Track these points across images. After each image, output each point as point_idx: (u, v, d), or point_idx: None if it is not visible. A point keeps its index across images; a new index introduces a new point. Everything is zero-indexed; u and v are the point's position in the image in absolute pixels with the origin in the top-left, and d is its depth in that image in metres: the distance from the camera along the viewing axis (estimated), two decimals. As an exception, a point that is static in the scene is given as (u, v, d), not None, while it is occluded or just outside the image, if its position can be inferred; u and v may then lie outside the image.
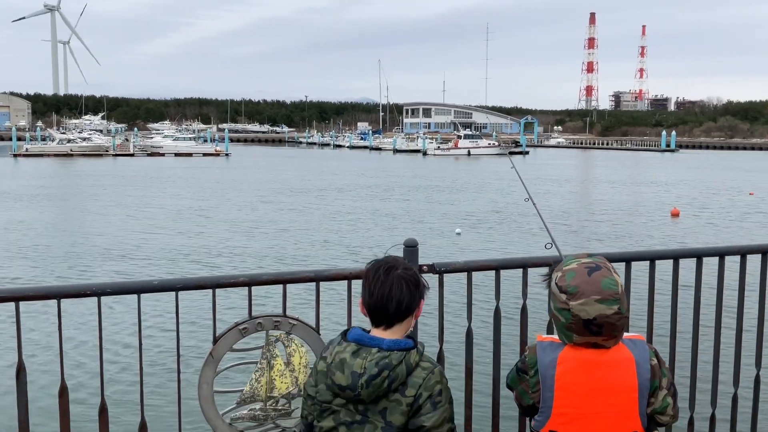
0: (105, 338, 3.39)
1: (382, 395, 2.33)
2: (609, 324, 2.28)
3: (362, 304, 2.49)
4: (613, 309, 2.28)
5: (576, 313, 2.29)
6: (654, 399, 2.38)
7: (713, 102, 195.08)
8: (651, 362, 2.38)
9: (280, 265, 18.96)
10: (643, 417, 2.36)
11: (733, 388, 4.14)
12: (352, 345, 2.39)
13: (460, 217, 29.12)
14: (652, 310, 3.89)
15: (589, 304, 2.28)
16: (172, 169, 62.65)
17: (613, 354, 2.34)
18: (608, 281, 2.31)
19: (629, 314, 2.43)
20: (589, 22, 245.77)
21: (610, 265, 2.41)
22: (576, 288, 2.31)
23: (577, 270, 2.35)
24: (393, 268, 2.44)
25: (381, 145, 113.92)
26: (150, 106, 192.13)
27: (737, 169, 66.91)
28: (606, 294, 2.29)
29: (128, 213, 30.34)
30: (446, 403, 2.39)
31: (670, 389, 2.44)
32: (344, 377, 2.34)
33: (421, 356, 2.41)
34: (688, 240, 23.46)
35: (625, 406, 2.33)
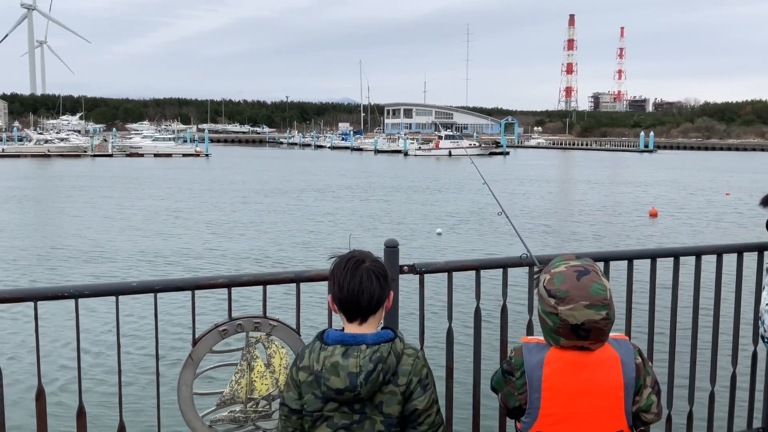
0: (83, 340, 3.36)
1: (377, 389, 2.35)
2: (597, 329, 2.29)
3: (332, 301, 2.48)
4: (601, 315, 2.28)
5: (564, 318, 2.29)
6: (639, 397, 2.40)
7: (690, 103, 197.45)
8: (636, 361, 2.40)
9: (260, 266, 18.88)
10: (629, 416, 2.37)
11: (711, 386, 4.19)
12: (338, 347, 2.36)
13: (441, 218, 29.19)
14: (630, 310, 3.92)
15: (578, 310, 2.28)
16: (151, 169, 62.16)
17: (600, 354, 2.35)
18: (597, 286, 2.31)
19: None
20: (569, 24, 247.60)
21: (598, 267, 2.41)
22: (565, 293, 2.30)
23: (566, 274, 2.35)
24: (361, 262, 2.43)
25: (362, 145, 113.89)
26: (129, 106, 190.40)
27: (714, 169, 67.74)
28: (595, 300, 2.28)
29: (106, 214, 30.05)
30: (432, 385, 2.45)
31: (654, 387, 2.46)
32: (341, 380, 2.32)
33: (404, 344, 2.44)
34: (666, 240, 23.71)
35: (612, 405, 2.35)
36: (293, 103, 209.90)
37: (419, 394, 2.38)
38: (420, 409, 2.38)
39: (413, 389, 2.37)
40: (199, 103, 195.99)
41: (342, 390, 2.32)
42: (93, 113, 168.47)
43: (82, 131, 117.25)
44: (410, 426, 2.40)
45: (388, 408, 2.36)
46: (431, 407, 2.41)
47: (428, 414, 2.40)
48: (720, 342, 4.19)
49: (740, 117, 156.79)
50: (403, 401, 2.37)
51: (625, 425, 2.38)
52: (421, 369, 2.40)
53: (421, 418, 2.39)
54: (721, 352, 4.21)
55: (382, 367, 2.33)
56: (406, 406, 2.38)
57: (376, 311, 2.44)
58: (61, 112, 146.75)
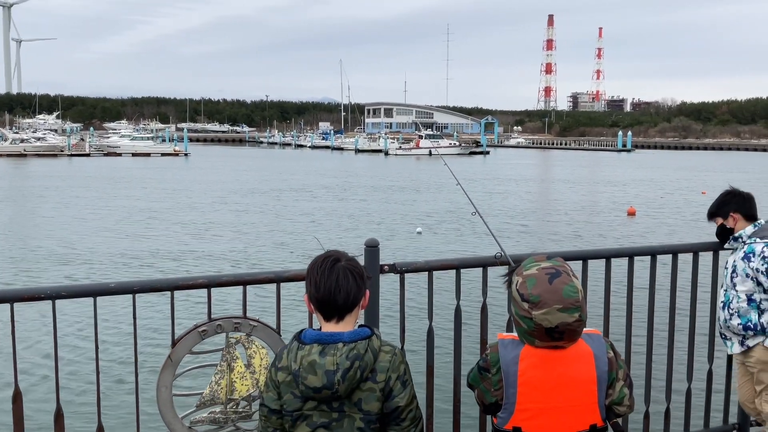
0: (60, 342, 3.33)
1: (355, 387, 2.36)
2: (570, 330, 2.33)
3: (308, 300, 2.49)
4: (574, 317, 2.32)
5: (539, 322, 2.32)
6: (612, 390, 2.44)
7: (668, 103, 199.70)
8: (608, 355, 2.44)
9: (240, 267, 18.79)
10: (602, 409, 2.42)
11: (687, 383, 4.24)
12: (315, 346, 2.38)
13: (420, 218, 29.24)
14: (608, 308, 3.96)
15: (552, 314, 2.31)
16: (129, 169, 61.60)
17: (573, 349, 2.39)
18: (569, 289, 2.34)
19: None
20: (548, 24, 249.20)
21: (569, 267, 2.44)
22: (538, 297, 2.33)
23: (538, 277, 2.37)
24: (337, 261, 2.46)
25: (343, 145, 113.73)
26: (106, 105, 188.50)
27: (691, 168, 68.56)
28: (567, 303, 2.31)
29: (82, 215, 29.72)
30: (410, 380, 2.47)
31: (627, 380, 2.51)
32: (318, 378, 2.33)
33: (381, 341, 2.46)
34: (644, 238, 23.96)
35: (586, 399, 2.39)
36: (273, 103, 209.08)
37: (399, 391, 2.40)
38: (402, 405, 2.41)
39: (392, 386, 2.39)
40: (177, 102, 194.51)
41: (320, 388, 2.34)
42: (70, 112, 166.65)
43: (59, 130, 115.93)
44: (393, 423, 2.42)
45: (368, 405, 2.38)
46: (411, 402, 2.44)
47: (410, 410, 2.43)
48: (696, 339, 4.25)
49: (716, 117, 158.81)
50: (382, 398, 2.39)
51: (599, 418, 2.43)
52: (399, 365, 2.43)
53: (403, 414, 2.42)
54: (697, 349, 4.27)
55: (360, 365, 2.34)
56: (386, 403, 2.39)
57: (352, 309, 2.46)
58: (37, 111, 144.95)
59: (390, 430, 2.44)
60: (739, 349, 4.07)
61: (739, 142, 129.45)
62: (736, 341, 4.08)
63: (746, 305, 3.96)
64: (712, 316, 4.28)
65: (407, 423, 2.43)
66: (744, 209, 4.07)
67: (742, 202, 4.09)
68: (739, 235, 4.05)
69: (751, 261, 3.91)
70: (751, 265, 3.91)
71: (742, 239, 4.03)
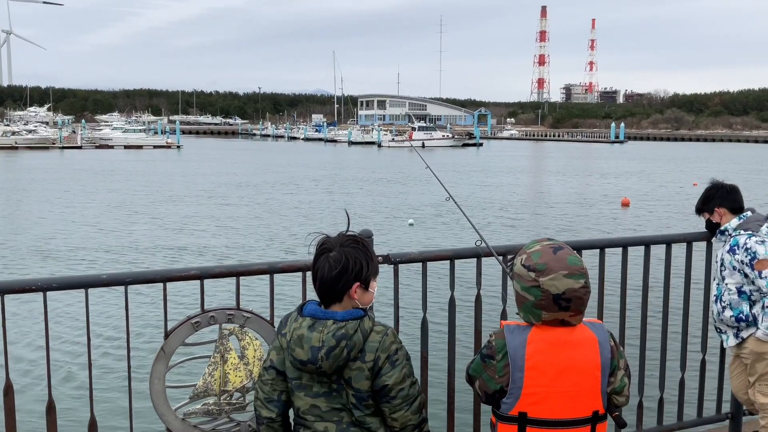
0: (52, 334, 3.31)
1: (342, 365, 2.41)
2: (577, 298, 2.36)
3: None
4: (580, 283, 2.37)
5: (546, 288, 2.36)
6: (614, 378, 2.47)
7: (660, 95, 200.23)
8: (610, 343, 2.47)
9: (233, 258, 18.75)
10: (604, 396, 2.45)
11: (681, 372, 4.25)
12: (307, 320, 2.45)
13: (413, 208, 29.24)
14: (602, 298, 3.96)
15: (558, 279, 2.35)
16: (122, 162, 61.36)
17: (579, 333, 2.42)
18: (573, 258, 2.41)
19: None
20: (541, 16, 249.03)
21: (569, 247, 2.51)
22: (544, 265, 2.38)
23: (542, 250, 2.43)
24: (327, 251, 2.51)
25: (336, 137, 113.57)
26: (98, 98, 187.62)
27: (683, 159, 68.75)
28: (573, 269, 2.37)
29: (72, 208, 29.60)
30: (404, 360, 2.49)
31: (626, 371, 2.55)
32: (304, 352, 2.41)
33: (374, 322, 2.50)
34: (638, 229, 24.03)
35: (590, 384, 2.42)
36: (266, 95, 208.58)
37: (388, 370, 2.44)
38: (390, 384, 2.44)
39: (381, 365, 2.43)
40: (170, 94, 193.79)
41: (305, 362, 2.42)
42: (61, 104, 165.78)
43: (51, 123, 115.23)
44: (383, 400, 2.47)
45: (357, 383, 2.44)
46: (403, 381, 2.46)
47: (401, 388, 2.46)
48: (690, 329, 4.26)
49: (708, 108, 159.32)
50: (371, 377, 2.44)
51: (601, 405, 2.45)
52: (389, 345, 2.45)
53: (392, 393, 2.46)
54: (690, 339, 4.28)
55: (347, 344, 2.39)
56: (375, 381, 2.44)
57: (337, 300, 2.49)
58: (28, 104, 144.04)
59: (382, 406, 2.49)
60: (735, 342, 4.08)
61: (731, 134, 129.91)
62: (731, 334, 4.09)
63: (737, 297, 3.99)
64: (706, 306, 4.29)
65: (398, 401, 2.47)
66: (728, 203, 4.09)
67: (726, 196, 4.10)
68: (725, 229, 4.07)
69: (736, 253, 3.93)
70: (736, 257, 3.93)
71: (728, 232, 4.05)
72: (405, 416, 2.51)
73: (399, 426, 2.52)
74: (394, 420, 2.51)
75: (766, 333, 3.89)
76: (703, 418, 4.39)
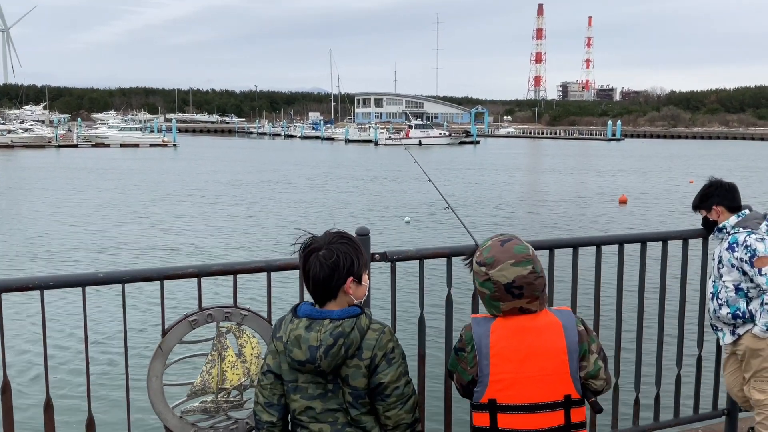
0: (49, 333, 3.30)
1: (340, 363, 2.43)
2: (527, 284, 2.44)
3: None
4: (527, 269, 2.45)
5: (496, 279, 2.45)
6: (585, 362, 2.50)
7: (657, 92, 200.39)
8: (578, 328, 2.50)
9: (230, 256, 18.74)
10: (575, 381, 2.46)
11: (677, 369, 4.27)
12: (303, 320, 2.46)
13: (409, 207, 29.25)
14: (598, 295, 3.97)
15: (506, 269, 2.45)
16: (118, 161, 61.23)
17: (542, 319, 2.47)
18: (519, 247, 2.50)
19: (546, 276, 2.56)
20: (537, 13, 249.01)
21: (521, 238, 2.58)
22: (492, 258, 2.49)
23: (492, 245, 2.54)
24: (316, 250, 2.51)
25: (333, 135, 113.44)
26: (94, 96, 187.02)
27: (679, 157, 68.84)
28: (519, 257, 2.46)
29: (65, 207, 29.54)
30: (400, 358, 2.52)
31: (600, 353, 2.56)
32: (302, 353, 2.41)
33: (370, 319, 2.51)
34: (634, 226, 24.08)
35: (557, 368, 2.44)
36: (262, 93, 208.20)
37: (384, 368, 2.46)
38: (385, 382, 2.46)
39: (378, 363, 2.45)
40: (166, 92, 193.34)
41: (303, 362, 2.42)
42: (57, 103, 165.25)
43: (46, 121, 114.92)
44: (378, 398, 2.49)
45: (354, 381, 2.46)
46: (398, 380, 2.49)
47: (396, 386, 2.48)
48: (686, 326, 4.27)
49: (705, 106, 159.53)
50: (368, 374, 2.46)
51: (573, 389, 2.46)
52: (386, 344, 2.48)
53: (387, 391, 2.48)
54: (687, 335, 4.30)
55: (344, 342, 2.40)
56: (371, 379, 2.46)
57: (332, 298, 2.51)
58: (24, 102, 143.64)
59: (377, 405, 2.51)
60: (731, 339, 4.10)
61: (728, 131, 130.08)
62: (727, 331, 4.11)
63: (734, 294, 4.00)
64: (702, 303, 4.30)
65: (393, 399, 2.49)
66: (726, 201, 4.09)
67: (725, 194, 4.11)
68: (723, 227, 4.07)
69: (735, 251, 3.94)
70: (735, 255, 3.94)
71: (726, 230, 4.06)
72: (398, 415, 2.52)
73: (392, 424, 2.53)
74: (387, 418, 2.52)
75: (763, 329, 3.91)
76: (699, 414, 4.41)
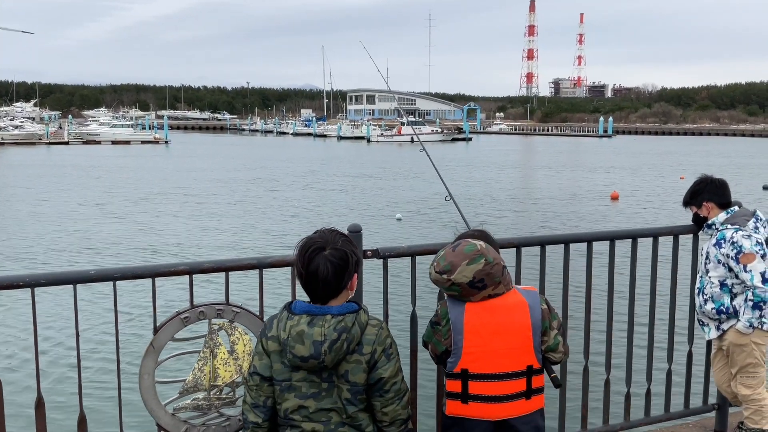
0: (40, 331, 3.30)
1: (341, 358, 2.44)
2: (486, 275, 2.71)
3: (297, 277, 2.58)
4: (481, 263, 2.71)
5: (459, 282, 2.71)
6: (547, 337, 2.83)
7: (648, 89, 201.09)
8: (542, 306, 2.81)
9: (222, 254, 18.70)
10: (537, 353, 2.79)
11: (667, 364, 4.29)
12: (304, 317, 2.46)
13: (402, 203, 29.25)
14: (589, 290, 3.99)
15: (464, 270, 2.70)
16: (109, 158, 60.97)
17: (510, 299, 2.77)
18: (468, 247, 2.74)
19: (503, 262, 2.80)
20: (529, 10, 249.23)
21: (472, 239, 2.81)
22: (449, 264, 2.73)
23: (445, 252, 2.78)
24: (321, 250, 2.49)
25: (325, 132, 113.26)
26: (85, 93, 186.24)
27: (671, 153, 69.09)
28: (471, 255, 2.72)
29: (63, 203, 29.42)
30: (396, 353, 2.57)
31: (560, 329, 2.88)
32: (305, 348, 2.41)
33: (369, 315, 2.55)
34: (627, 222, 24.15)
35: (522, 343, 2.76)
36: (254, 90, 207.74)
37: (384, 363, 2.50)
38: (386, 377, 2.50)
39: (378, 358, 2.49)
40: (157, 89, 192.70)
41: (307, 357, 2.42)
42: (48, 100, 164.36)
43: (37, 118, 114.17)
44: (377, 394, 2.51)
45: (354, 377, 2.47)
46: (396, 375, 2.54)
47: (394, 382, 2.53)
48: (676, 321, 4.30)
49: (696, 102, 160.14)
50: (368, 369, 2.48)
51: (535, 360, 2.79)
52: (385, 339, 2.53)
53: (387, 386, 2.51)
54: (677, 331, 4.32)
55: (347, 337, 2.42)
56: (371, 374, 2.49)
57: (336, 296, 2.52)
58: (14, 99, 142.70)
59: (374, 400, 2.53)
60: (716, 334, 4.13)
61: (719, 127, 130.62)
62: (712, 326, 4.14)
63: (719, 290, 4.03)
64: (692, 298, 4.32)
65: (391, 395, 2.53)
66: (717, 197, 4.11)
67: (715, 191, 4.13)
68: (713, 223, 4.10)
69: (722, 247, 3.97)
70: (722, 251, 3.97)
71: (715, 226, 4.08)
72: (395, 410, 2.55)
73: (389, 420, 2.55)
74: (384, 414, 2.54)
75: (746, 325, 3.94)
76: (690, 409, 4.44)
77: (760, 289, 3.86)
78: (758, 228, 4.01)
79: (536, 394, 2.83)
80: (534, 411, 2.83)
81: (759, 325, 3.94)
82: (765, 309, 3.92)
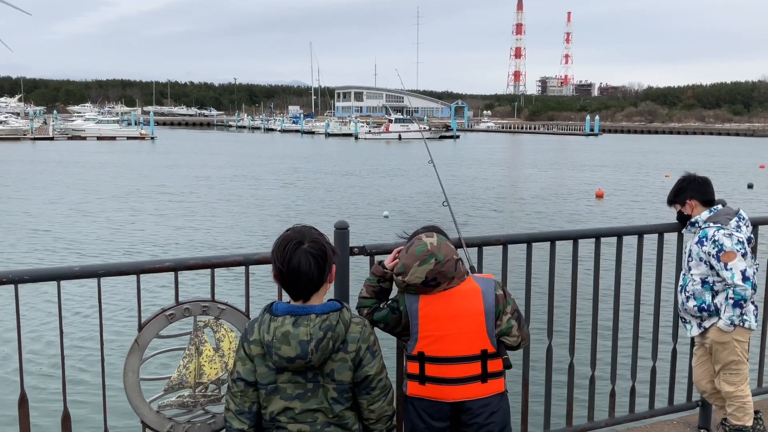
0: (24, 328, 3.26)
1: (327, 357, 2.43)
2: (438, 273, 2.81)
3: (275, 277, 2.54)
4: (432, 263, 2.80)
5: (413, 282, 2.82)
6: (500, 322, 2.90)
7: (634, 87, 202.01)
8: (496, 292, 2.90)
9: (207, 251, 18.62)
10: (491, 337, 2.88)
11: (652, 361, 4.32)
12: (288, 317, 2.43)
13: (389, 201, 29.26)
14: (575, 288, 4.01)
15: (416, 272, 2.81)
16: (94, 154, 60.51)
17: (465, 286, 2.87)
18: (419, 248, 2.83)
19: (455, 256, 2.86)
20: (517, 8, 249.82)
21: (425, 237, 2.87)
22: (403, 267, 2.85)
23: (401, 255, 2.90)
24: (300, 244, 2.48)
25: (313, 128, 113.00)
26: (70, 88, 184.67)
27: (656, 152, 69.52)
28: (421, 257, 2.81)
29: (48, 199, 29.18)
30: (379, 350, 2.58)
31: (514, 314, 2.95)
32: (292, 348, 2.39)
33: (351, 313, 2.55)
34: (611, 220, 24.28)
35: (475, 327, 2.85)
36: (242, 86, 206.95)
37: (369, 360, 2.51)
38: (372, 374, 2.51)
39: (363, 356, 2.49)
40: (143, 84, 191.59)
41: (293, 358, 2.40)
42: (32, 95, 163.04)
43: (21, 114, 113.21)
44: (363, 391, 2.52)
45: (340, 375, 2.47)
46: (381, 372, 2.56)
47: (379, 379, 2.54)
48: (661, 319, 4.33)
49: (681, 101, 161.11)
50: (354, 367, 2.48)
51: (489, 344, 2.88)
52: (369, 336, 2.54)
53: (373, 383, 2.52)
54: (661, 328, 4.35)
55: (332, 335, 2.42)
56: (357, 372, 2.49)
57: (317, 289, 2.52)
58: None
59: (361, 398, 2.53)
60: (698, 331, 4.16)
61: (704, 127, 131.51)
62: (694, 323, 4.17)
63: (700, 288, 4.06)
64: (676, 296, 4.36)
65: (377, 392, 2.53)
66: (700, 195, 4.14)
67: (698, 188, 4.16)
68: (695, 221, 4.13)
69: (704, 245, 4.00)
70: (704, 249, 4.00)
71: (698, 224, 4.11)
72: (382, 407, 2.55)
73: (375, 417, 2.56)
74: (371, 412, 2.54)
75: (727, 323, 3.97)
76: (674, 405, 4.47)
77: (741, 287, 3.90)
78: (740, 227, 4.04)
79: (493, 378, 2.90)
80: (491, 395, 2.89)
81: (740, 322, 3.98)
82: (746, 307, 3.96)
